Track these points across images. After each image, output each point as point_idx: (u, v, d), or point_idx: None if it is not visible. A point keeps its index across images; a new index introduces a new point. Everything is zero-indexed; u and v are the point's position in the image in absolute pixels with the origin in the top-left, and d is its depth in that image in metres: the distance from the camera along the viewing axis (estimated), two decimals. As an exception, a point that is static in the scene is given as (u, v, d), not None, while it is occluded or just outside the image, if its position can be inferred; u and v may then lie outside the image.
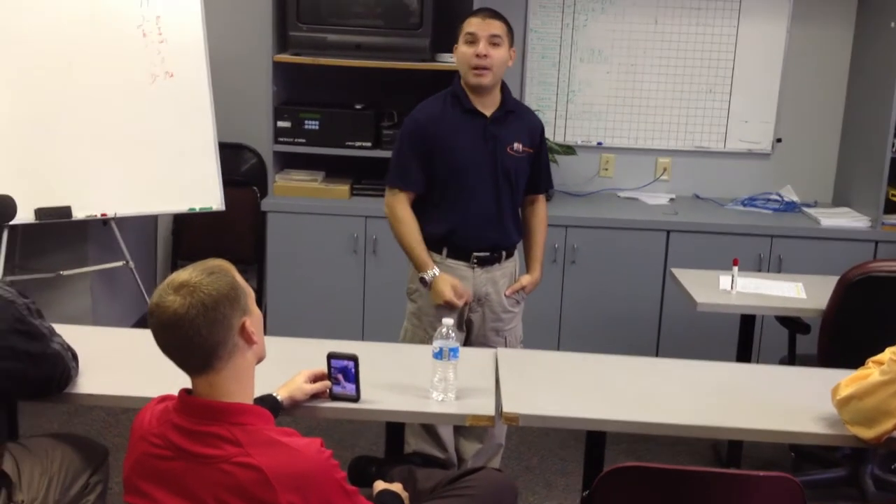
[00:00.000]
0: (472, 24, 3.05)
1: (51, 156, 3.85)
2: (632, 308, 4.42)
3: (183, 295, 1.76)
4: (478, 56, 3.02)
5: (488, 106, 3.14)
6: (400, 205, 3.15)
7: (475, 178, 3.09)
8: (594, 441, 2.54)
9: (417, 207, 3.18)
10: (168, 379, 1.92)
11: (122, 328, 4.12)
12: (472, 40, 3.04)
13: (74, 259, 4.21)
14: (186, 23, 4.19)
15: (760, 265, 4.34)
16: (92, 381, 2.44)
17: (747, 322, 3.63)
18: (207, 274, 1.80)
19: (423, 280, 3.13)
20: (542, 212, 3.38)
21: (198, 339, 1.77)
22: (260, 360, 1.92)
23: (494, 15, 3.09)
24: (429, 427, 3.22)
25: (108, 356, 2.61)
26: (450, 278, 3.10)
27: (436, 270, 3.10)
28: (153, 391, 2.03)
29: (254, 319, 1.86)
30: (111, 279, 4.43)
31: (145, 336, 1.92)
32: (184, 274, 1.80)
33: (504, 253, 3.23)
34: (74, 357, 2.40)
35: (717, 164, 4.91)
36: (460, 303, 3.09)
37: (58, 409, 3.83)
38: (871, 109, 4.48)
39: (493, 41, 3.04)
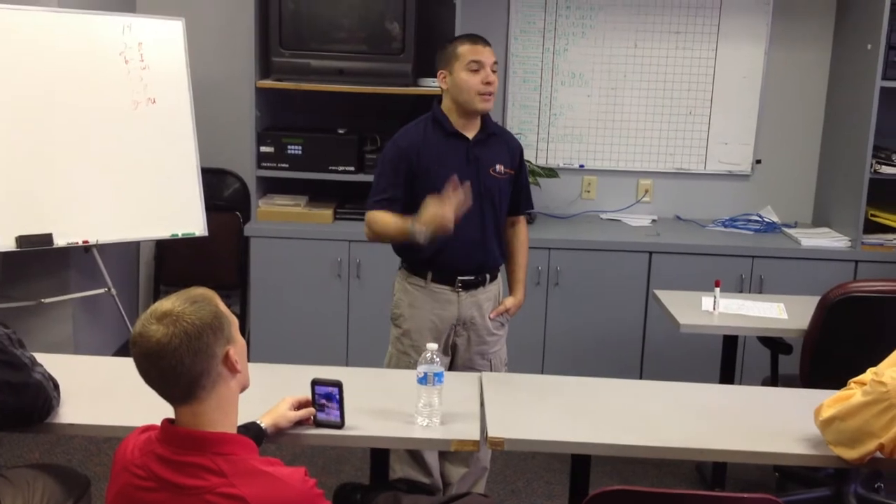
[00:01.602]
0: (478, 53, 3.07)
1: (32, 182, 3.84)
2: (615, 330, 4.44)
3: (166, 324, 1.75)
4: (487, 83, 3.07)
5: (470, 129, 3.16)
6: (375, 216, 3.11)
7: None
8: (579, 464, 2.54)
9: None
10: (150, 408, 1.91)
11: (104, 356, 4.09)
12: (478, 68, 3.06)
13: (56, 286, 4.19)
14: (169, 49, 4.20)
15: (742, 286, 4.37)
16: (74, 410, 2.42)
17: (730, 343, 3.65)
18: (191, 303, 1.80)
19: (415, 236, 2.93)
20: (523, 233, 3.40)
21: (181, 368, 1.76)
22: (244, 388, 1.91)
23: (487, 42, 3.14)
24: (414, 452, 3.21)
25: (90, 385, 2.60)
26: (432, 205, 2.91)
27: (414, 223, 2.94)
28: (135, 420, 2.02)
29: (237, 348, 1.86)
30: (93, 306, 4.41)
31: (127, 364, 1.91)
32: (167, 303, 1.80)
33: (488, 276, 3.24)
34: (56, 387, 2.39)
35: (698, 185, 4.95)
36: (451, 211, 2.89)
37: (38, 438, 3.80)
38: (850, 130, 4.53)
39: (494, 69, 3.10)
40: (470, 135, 3.16)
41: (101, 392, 2.59)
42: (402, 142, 3.16)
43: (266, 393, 2.31)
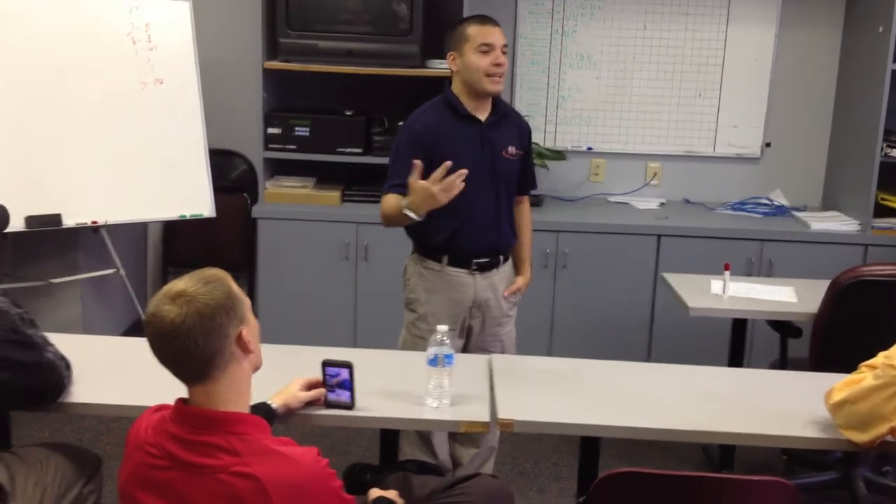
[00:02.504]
0: (488, 35, 3.05)
1: (41, 163, 3.84)
2: (623, 312, 4.44)
3: (179, 305, 1.76)
4: (497, 65, 3.05)
5: (482, 111, 3.15)
6: (386, 199, 3.06)
7: (475, 183, 3.08)
8: (588, 446, 2.54)
9: None
10: (161, 387, 1.91)
11: (114, 336, 4.11)
12: (488, 50, 3.04)
13: (65, 267, 4.20)
14: (176, 30, 4.20)
15: (751, 269, 4.36)
16: (85, 390, 2.42)
17: (739, 326, 3.65)
18: (204, 283, 1.80)
19: (407, 213, 2.92)
20: (527, 212, 3.41)
21: (194, 348, 1.77)
22: (256, 368, 1.92)
23: (496, 22, 3.12)
24: (423, 434, 3.22)
25: (101, 365, 2.60)
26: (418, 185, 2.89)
27: (406, 201, 2.92)
28: (146, 400, 2.03)
29: (250, 328, 1.86)
30: (101, 287, 4.42)
31: (137, 344, 1.91)
32: (180, 283, 1.80)
33: (502, 257, 3.24)
34: (68, 366, 2.39)
35: (707, 168, 4.93)
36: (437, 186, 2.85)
37: (49, 417, 3.81)
38: (860, 113, 4.51)
39: (504, 50, 3.09)
40: (482, 117, 3.15)
41: (112, 371, 2.59)
42: (417, 126, 3.14)
43: (276, 373, 2.31)
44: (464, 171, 2.84)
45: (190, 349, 1.77)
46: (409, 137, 3.13)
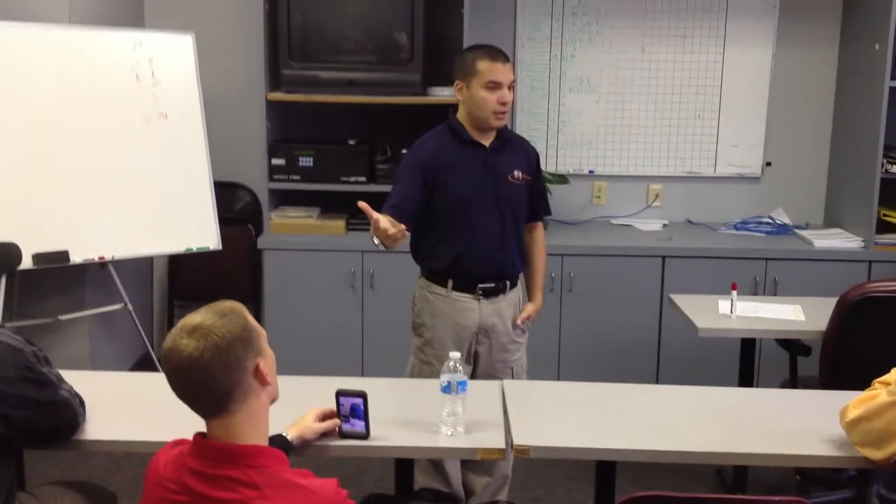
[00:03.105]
0: (497, 72, 3.06)
1: (47, 200, 3.85)
2: (630, 335, 4.44)
3: (197, 338, 1.76)
4: (503, 104, 3.08)
5: (486, 138, 3.17)
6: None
7: (478, 208, 3.11)
8: (605, 471, 2.54)
9: (421, 242, 3.20)
10: (173, 422, 1.92)
11: (123, 371, 4.11)
12: (495, 87, 3.06)
13: (72, 303, 4.20)
14: (179, 64, 4.22)
15: (756, 288, 4.37)
16: (97, 426, 2.42)
17: (748, 346, 3.65)
18: (220, 316, 1.80)
19: (374, 242, 2.94)
20: (540, 239, 3.42)
21: (212, 382, 1.77)
22: (273, 400, 1.92)
23: (506, 57, 3.13)
24: (436, 462, 3.22)
25: (111, 400, 2.60)
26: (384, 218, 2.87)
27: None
28: (159, 435, 2.03)
29: (267, 360, 1.86)
30: (109, 322, 4.42)
31: (147, 379, 1.92)
32: (196, 317, 1.80)
33: (508, 283, 3.25)
34: (82, 403, 2.39)
35: (709, 188, 4.95)
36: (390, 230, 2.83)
37: (59, 455, 3.79)
38: (859, 130, 4.54)
39: (511, 87, 3.12)
40: (486, 142, 3.17)
41: (123, 407, 2.59)
42: (420, 152, 3.18)
43: (290, 405, 2.30)
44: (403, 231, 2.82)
45: (208, 383, 1.77)
46: (412, 162, 3.17)
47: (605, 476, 2.54)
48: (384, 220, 2.80)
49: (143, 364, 4.50)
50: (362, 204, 2.82)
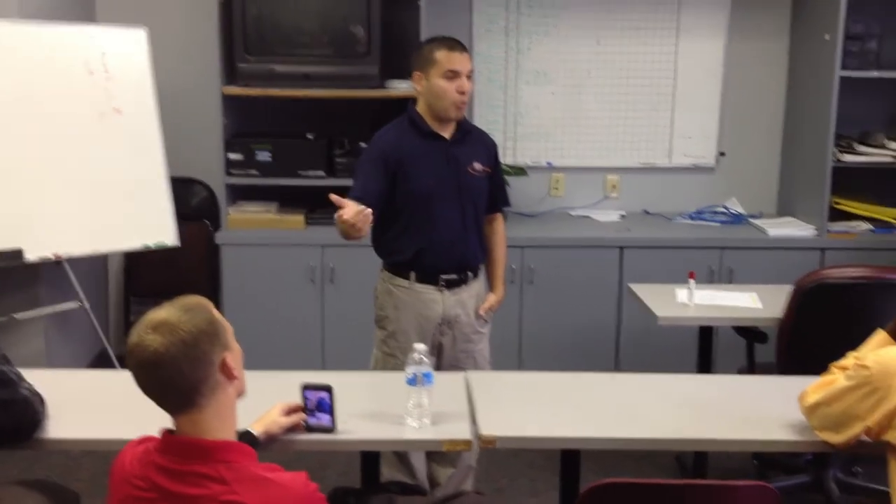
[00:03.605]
0: (455, 61, 3.08)
1: (0, 197, 3.78)
2: (590, 324, 4.48)
3: (162, 333, 1.74)
4: (462, 92, 3.09)
5: (446, 129, 3.18)
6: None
7: (440, 200, 3.12)
8: (570, 459, 2.56)
9: (383, 235, 3.20)
10: (134, 419, 1.90)
11: (80, 370, 4.04)
12: (453, 76, 3.07)
13: (27, 301, 4.13)
14: (132, 59, 4.17)
15: (712, 277, 4.43)
16: (56, 425, 2.38)
17: (706, 333, 3.69)
18: (185, 311, 1.79)
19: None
20: (500, 230, 3.44)
21: (179, 377, 1.75)
22: (241, 395, 1.91)
23: (464, 47, 3.15)
24: (401, 454, 3.22)
25: (70, 399, 2.55)
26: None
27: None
28: (120, 433, 2.00)
29: (234, 355, 1.85)
30: (64, 320, 4.35)
31: (104, 377, 1.90)
32: (161, 312, 1.78)
33: (470, 274, 3.26)
34: (42, 402, 2.36)
35: (664, 179, 5.01)
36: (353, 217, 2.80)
37: (15, 454, 3.74)
38: (811, 120, 4.61)
39: (469, 76, 3.12)
40: (446, 134, 3.18)
41: (81, 405, 2.55)
42: (381, 143, 3.17)
43: (253, 399, 2.28)
44: (367, 210, 2.77)
45: (174, 378, 1.75)
46: (374, 154, 3.16)
47: (570, 464, 2.56)
48: (349, 210, 2.77)
49: (100, 362, 4.44)
50: (333, 196, 2.79)
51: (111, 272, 5.00)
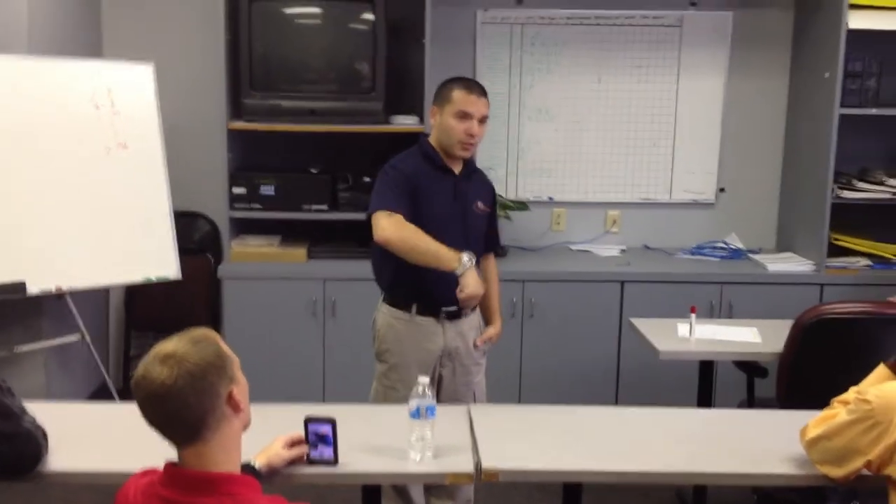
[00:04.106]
0: (469, 104, 3.11)
1: (4, 230, 3.80)
2: (590, 358, 4.48)
3: (170, 366, 1.76)
4: (471, 135, 3.13)
5: (455, 165, 3.23)
6: (402, 219, 3.03)
7: (446, 233, 3.14)
8: (571, 493, 2.56)
9: (386, 266, 3.21)
10: (134, 452, 1.91)
11: (80, 402, 4.05)
12: (464, 117, 3.11)
13: (28, 333, 4.14)
14: (139, 94, 4.21)
15: (712, 312, 4.44)
16: (56, 458, 2.38)
17: (706, 368, 3.70)
18: (193, 343, 1.80)
19: (459, 262, 2.99)
20: (493, 266, 3.49)
21: (185, 409, 1.77)
22: (246, 427, 1.92)
23: (483, 91, 3.18)
24: (400, 488, 3.21)
25: (70, 431, 2.55)
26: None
27: (468, 255, 3.01)
28: (119, 465, 2.01)
29: (241, 387, 1.87)
30: (65, 352, 4.36)
31: (105, 409, 1.90)
32: (169, 345, 1.80)
33: None
34: (44, 435, 2.36)
35: (665, 214, 5.04)
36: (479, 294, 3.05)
37: (14, 487, 3.72)
38: (810, 156, 4.65)
39: (483, 121, 3.16)
40: (456, 170, 3.23)
41: (81, 438, 2.55)
42: (402, 167, 3.18)
43: (255, 432, 2.29)
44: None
45: (181, 411, 1.77)
46: (397, 175, 3.15)
47: (572, 498, 2.56)
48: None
49: (100, 394, 4.45)
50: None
51: (112, 305, 5.01)
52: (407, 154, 3.26)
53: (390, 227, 3.01)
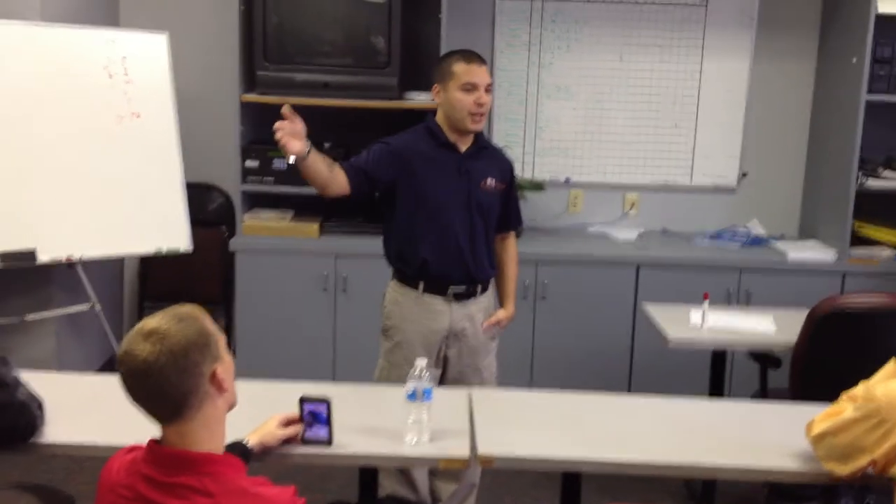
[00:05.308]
0: (473, 74, 3.07)
1: (15, 197, 3.80)
2: (603, 343, 4.43)
3: (152, 342, 1.72)
4: (480, 105, 3.08)
5: (462, 142, 3.17)
6: (339, 167, 3.03)
7: (450, 211, 3.11)
8: (570, 482, 2.52)
9: (393, 241, 3.20)
10: (136, 426, 1.87)
11: (88, 373, 4.05)
12: (471, 88, 3.07)
13: (39, 302, 4.14)
14: (152, 63, 4.18)
15: (729, 299, 4.37)
16: (58, 429, 2.38)
17: (718, 357, 3.64)
18: (177, 321, 1.76)
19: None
20: (512, 248, 3.42)
21: (167, 387, 1.73)
22: (231, 407, 1.88)
23: (482, 60, 3.14)
24: (403, 469, 3.19)
25: (74, 403, 2.56)
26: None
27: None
28: (120, 439, 1.98)
29: (225, 366, 1.82)
30: (76, 322, 4.37)
31: (112, 381, 1.88)
32: (153, 321, 1.76)
33: (479, 287, 3.23)
34: (40, 406, 2.35)
35: (684, 198, 4.95)
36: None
37: (17, 458, 3.74)
38: (835, 143, 4.55)
39: (488, 89, 3.11)
40: (462, 147, 3.17)
41: (86, 410, 2.55)
42: (397, 141, 3.16)
43: (253, 410, 2.28)
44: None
45: (163, 388, 1.73)
46: (382, 147, 3.14)
47: (571, 487, 2.52)
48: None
49: (111, 366, 4.45)
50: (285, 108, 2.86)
51: (126, 276, 5.01)
52: (410, 130, 3.22)
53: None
